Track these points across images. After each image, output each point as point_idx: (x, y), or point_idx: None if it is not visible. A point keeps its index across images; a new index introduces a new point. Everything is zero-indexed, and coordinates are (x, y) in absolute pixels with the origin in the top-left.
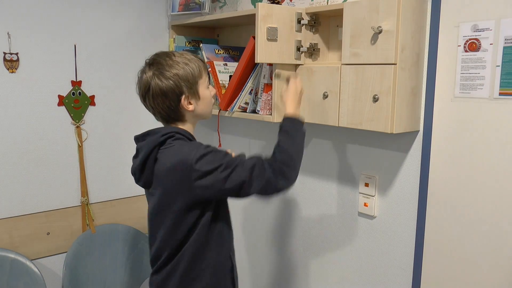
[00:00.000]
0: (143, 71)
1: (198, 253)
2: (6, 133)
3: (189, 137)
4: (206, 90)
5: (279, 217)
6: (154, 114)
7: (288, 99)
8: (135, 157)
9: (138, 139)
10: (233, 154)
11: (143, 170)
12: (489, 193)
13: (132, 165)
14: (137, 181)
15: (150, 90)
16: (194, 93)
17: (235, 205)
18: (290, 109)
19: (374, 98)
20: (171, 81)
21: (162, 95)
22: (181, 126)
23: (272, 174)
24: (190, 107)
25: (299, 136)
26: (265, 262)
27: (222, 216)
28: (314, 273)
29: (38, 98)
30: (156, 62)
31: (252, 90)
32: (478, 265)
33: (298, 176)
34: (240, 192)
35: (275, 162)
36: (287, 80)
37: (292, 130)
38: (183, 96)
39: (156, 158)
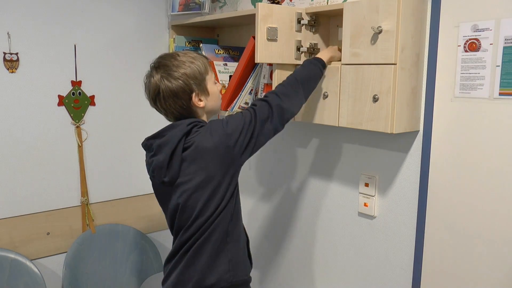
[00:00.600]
0: (150, 76)
1: (227, 226)
2: (6, 133)
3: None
4: (214, 86)
5: (279, 217)
6: (167, 116)
7: (325, 50)
8: (153, 155)
9: (153, 138)
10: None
11: (170, 164)
12: (489, 193)
13: (154, 163)
14: (163, 177)
15: (161, 93)
16: (203, 90)
17: None
18: (320, 54)
19: (374, 98)
20: (180, 81)
21: (173, 96)
22: None
23: (278, 99)
24: (201, 104)
25: (314, 70)
26: (265, 261)
27: (237, 188)
28: (314, 273)
29: (38, 98)
30: (162, 65)
31: (252, 90)
32: (478, 264)
33: (298, 176)
34: (273, 134)
35: (280, 86)
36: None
37: (309, 64)
38: (194, 94)
39: (183, 147)
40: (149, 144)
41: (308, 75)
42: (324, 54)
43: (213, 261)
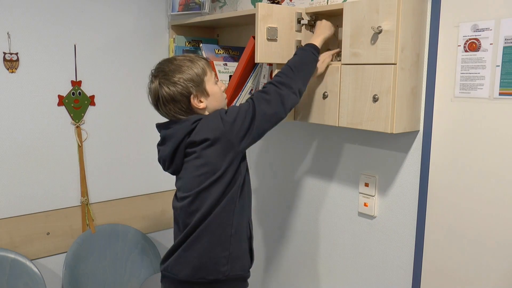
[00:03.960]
0: (151, 82)
1: (231, 219)
2: (6, 133)
3: None
4: (214, 86)
5: (279, 217)
6: (170, 119)
7: (316, 31)
8: (160, 144)
9: (161, 127)
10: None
11: (173, 159)
12: (489, 193)
13: (160, 153)
14: (166, 169)
15: (160, 98)
16: (203, 91)
17: None
18: (312, 39)
19: (374, 98)
20: (178, 86)
21: (172, 100)
22: None
23: (275, 87)
24: (201, 105)
25: (306, 56)
26: (265, 260)
27: (246, 181)
28: (314, 273)
29: (38, 98)
30: (160, 70)
31: (252, 90)
32: (478, 264)
33: (298, 176)
34: (274, 118)
35: (276, 76)
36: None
37: (302, 51)
38: (192, 96)
39: (187, 143)
40: (158, 130)
41: (301, 62)
42: (316, 38)
43: (212, 251)
